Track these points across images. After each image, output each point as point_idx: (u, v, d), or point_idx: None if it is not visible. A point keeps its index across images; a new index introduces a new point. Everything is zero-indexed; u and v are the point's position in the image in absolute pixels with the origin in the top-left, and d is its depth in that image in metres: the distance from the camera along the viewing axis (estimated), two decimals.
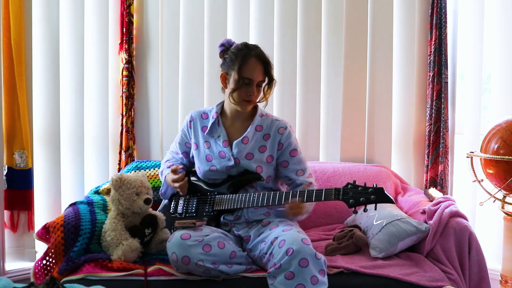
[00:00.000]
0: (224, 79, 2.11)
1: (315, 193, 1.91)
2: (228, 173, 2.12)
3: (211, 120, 2.15)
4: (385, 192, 1.80)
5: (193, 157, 2.24)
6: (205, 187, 2.16)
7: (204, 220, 2.00)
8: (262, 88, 2.07)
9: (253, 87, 2.03)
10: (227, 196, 2.06)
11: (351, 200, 1.81)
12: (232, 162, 2.10)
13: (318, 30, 2.89)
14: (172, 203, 2.21)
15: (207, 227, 1.98)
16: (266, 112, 2.19)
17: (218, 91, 2.84)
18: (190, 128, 2.20)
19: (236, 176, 2.11)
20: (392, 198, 1.81)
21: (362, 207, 1.82)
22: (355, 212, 1.81)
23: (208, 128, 2.14)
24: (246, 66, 2.02)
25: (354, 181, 1.85)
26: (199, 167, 2.17)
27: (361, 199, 1.80)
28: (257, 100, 2.09)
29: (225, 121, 2.16)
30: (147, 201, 2.14)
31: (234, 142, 2.11)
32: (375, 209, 1.83)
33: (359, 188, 1.82)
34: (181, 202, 2.17)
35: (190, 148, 2.24)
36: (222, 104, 2.21)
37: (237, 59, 2.03)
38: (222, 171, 2.12)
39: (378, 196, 1.79)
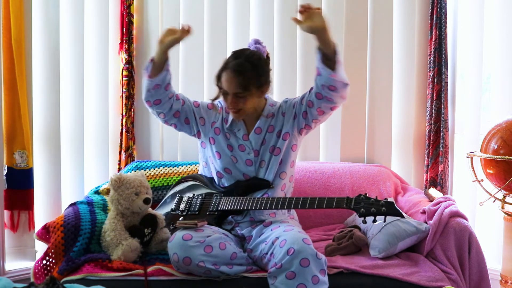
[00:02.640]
0: None
1: (326, 200, 1.91)
2: (246, 170, 2.12)
3: (231, 114, 2.16)
4: (396, 206, 1.82)
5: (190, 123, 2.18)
6: (212, 188, 2.17)
7: (205, 221, 2.00)
8: (246, 98, 2.04)
9: (230, 98, 2.04)
10: (233, 198, 2.06)
11: (362, 210, 1.83)
12: (252, 155, 2.12)
13: None
14: (175, 200, 2.20)
15: (209, 228, 1.97)
16: (276, 102, 2.21)
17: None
18: (220, 113, 2.19)
19: (245, 181, 2.12)
20: (402, 212, 1.82)
21: (372, 218, 1.84)
22: (364, 222, 1.84)
23: (229, 122, 2.15)
24: (222, 78, 2.04)
25: (366, 193, 1.87)
26: (220, 152, 2.14)
27: (372, 209, 1.82)
28: (245, 109, 2.06)
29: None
30: (146, 201, 2.14)
31: (250, 135, 2.13)
32: (384, 221, 1.85)
33: (371, 200, 1.85)
34: (184, 199, 2.16)
35: (203, 124, 2.17)
36: None
37: (220, 68, 2.07)
38: (241, 164, 2.12)
39: (388, 209, 1.81)
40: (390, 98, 2.92)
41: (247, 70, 2.01)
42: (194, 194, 2.16)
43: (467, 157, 2.42)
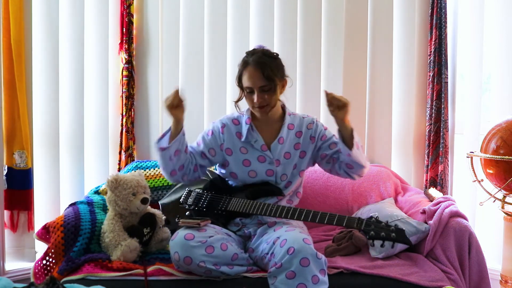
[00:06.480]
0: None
1: (337, 217, 1.90)
2: (266, 179, 2.11)
3: (244, 126, 2.14)
4: (406, 234, 1.80)
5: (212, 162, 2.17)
6: (223, 188, 2.16)
7: (209, 220, 2.00)
8: (272, 90, 2.04)
9: (256, 94, 2.02)
10: (243, 200, 2.05)
11: (371, 232, 1.81)
12: (273, 165, 2.11)
13: (318, 30, 2.89)
14: (184, 193, 2.19)
15: (211, 227, 1.97)
16: (292, 111, 2.22)
17: (218, 91, 2.87)
18: (223, 134, 2.14)
19: (257, 185, 2.11)
20: (411, 241, 1.80)
21: (380, 241, 1.82)
22: (372, 244, 1.83)
23: (245, 135, 2.12)
24: (244, 76, 2.03)
25: (377, 216, 1.86)
26: (236, 173, 2.13)
27: (382, 234, 1.80)
28: (271, 104, 2.06)
29: (257, 125, 2.15)
30: (144, 201, 2.14)
31: (272, 145, 2.12)
32: (392, 247, 1.86)
33: (382, 223, 1.83)
34: (193, 194, 2.15)
35: (214, 156, 2.15)
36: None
37: (239, 69, 2.07)
38: (261, 176, 2.11)
39: (398, 236, 1.79)
40: (390, 98, 2.92)
41: (268, 62, 2.02)
42: (203, 190, 2.16)
43: (467, 157, 2.42)
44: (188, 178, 2.11)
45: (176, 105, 1.97)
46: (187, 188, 2.20)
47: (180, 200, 2.17)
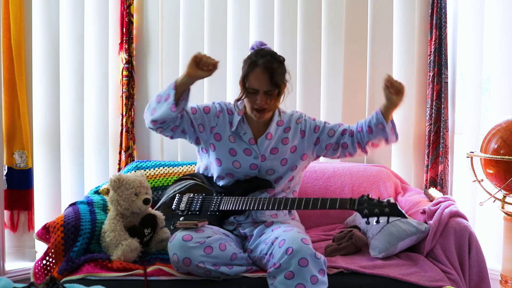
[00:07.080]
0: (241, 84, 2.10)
1: (330, 201, 1.91)
2: (249, 173, 2.11)
3: (236, 117, 2.14)
4: (398, 207, 1.83)
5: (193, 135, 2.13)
6: (211, 187, 2.15)
7: (206, 221, 1.99)
8: (275, 96, 2.04)
9: (260, 96, 2.01)
10: (234, 198, 2.05)
11: (365, 211, 1.83)
12: (258, 160, 2.11)
13: (318, 30, 2.89)
14: (175, 199, 2.19)
15: (209, 228, 1.97)
16: (283, 110, 2.22)
17: (217, 91, 2.87)
18: (218, 117, 2.15)
19: (247, 181, 2.11)
20: (404, 213, 1.82)
21: (375, 218, 1.84)
22: (367, 222, 1.85)
23: (235, 126, 2.13)
24: (251, 77, 2.01)
25: (368, 194, 1.87)
26: (221, 160, 2.12)
27: (375, 210, 1.82)
28: (270, 108, 2.06)
29: (248, 119, 2.15)
30: (146, 201, 2.14)
31: (259, 139, 2.13)
32: (388, 222, 1.86)
33: (374, 200, 1.85)
34: (184, 199, 2.15)
35: (201, 132, 2.12)
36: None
37: (244, 68, 2.05)
38: (245, 168, 2.11)
39: (391, 210, 1.82)
40: None
41: (276, 67, 2.01)
42: (194, 194, 2.16)
43: (467, 157, 2.42)
44: (161, 132, 2.07)
45: (203, 64, 1.91)
46: (177, 195, 2.19)
47: (172, 207, 2.15)
